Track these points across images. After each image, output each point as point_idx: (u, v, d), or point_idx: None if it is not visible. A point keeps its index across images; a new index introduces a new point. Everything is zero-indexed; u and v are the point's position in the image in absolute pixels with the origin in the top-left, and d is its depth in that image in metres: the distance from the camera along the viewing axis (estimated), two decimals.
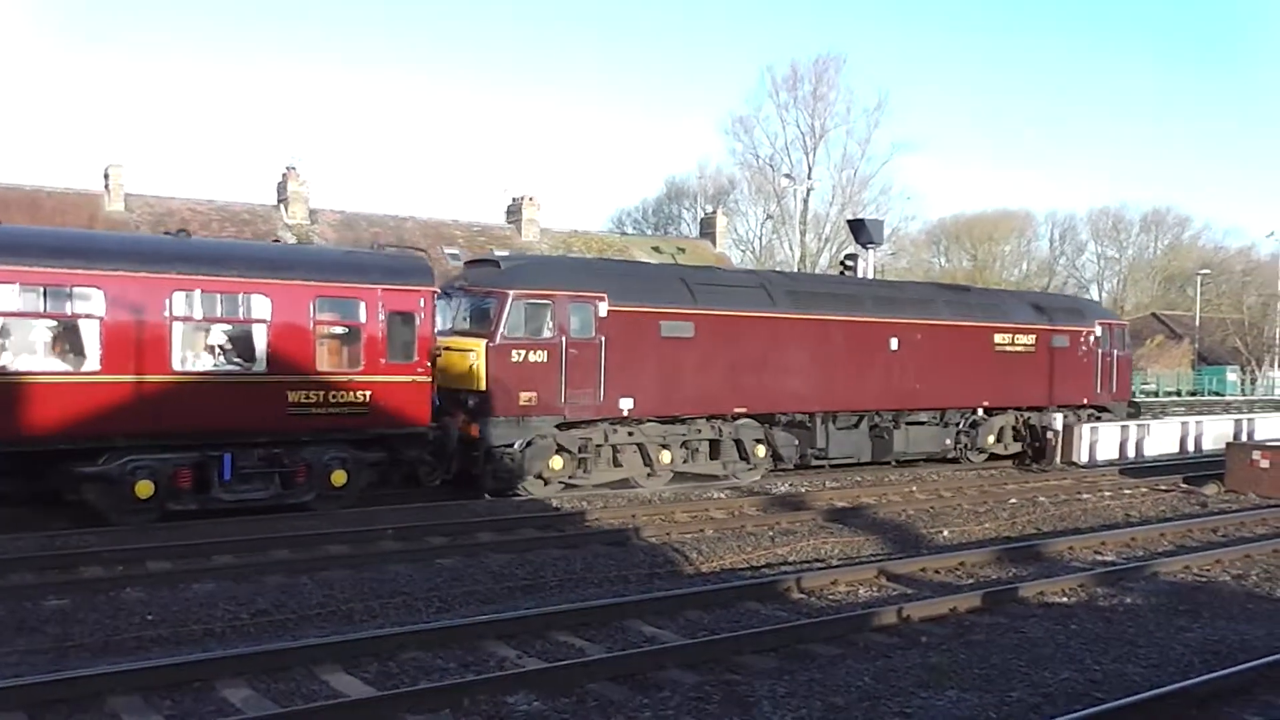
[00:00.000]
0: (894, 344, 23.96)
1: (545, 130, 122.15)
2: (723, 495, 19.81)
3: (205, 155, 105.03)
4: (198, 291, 15.77)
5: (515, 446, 18.89)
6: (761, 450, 22.22)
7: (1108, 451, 26.66)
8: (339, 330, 17.21)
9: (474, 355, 18.63)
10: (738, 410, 21.61)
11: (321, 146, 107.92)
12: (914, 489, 21.57)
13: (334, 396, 16.69)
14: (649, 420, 20.54)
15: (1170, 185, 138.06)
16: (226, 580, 12.46)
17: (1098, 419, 28.11)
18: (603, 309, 19.68)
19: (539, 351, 18.99)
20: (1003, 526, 17.89)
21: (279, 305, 16.26)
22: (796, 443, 22.79)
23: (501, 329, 18.74)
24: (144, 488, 15.22)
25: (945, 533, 17.08)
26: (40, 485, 15.33)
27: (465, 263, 23.22)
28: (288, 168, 41.46)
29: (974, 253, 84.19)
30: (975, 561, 14.31)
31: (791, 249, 63.74)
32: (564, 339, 19.25)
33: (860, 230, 34.42)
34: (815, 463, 23.23)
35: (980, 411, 26.18)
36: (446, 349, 18.64)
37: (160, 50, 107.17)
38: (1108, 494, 21.80)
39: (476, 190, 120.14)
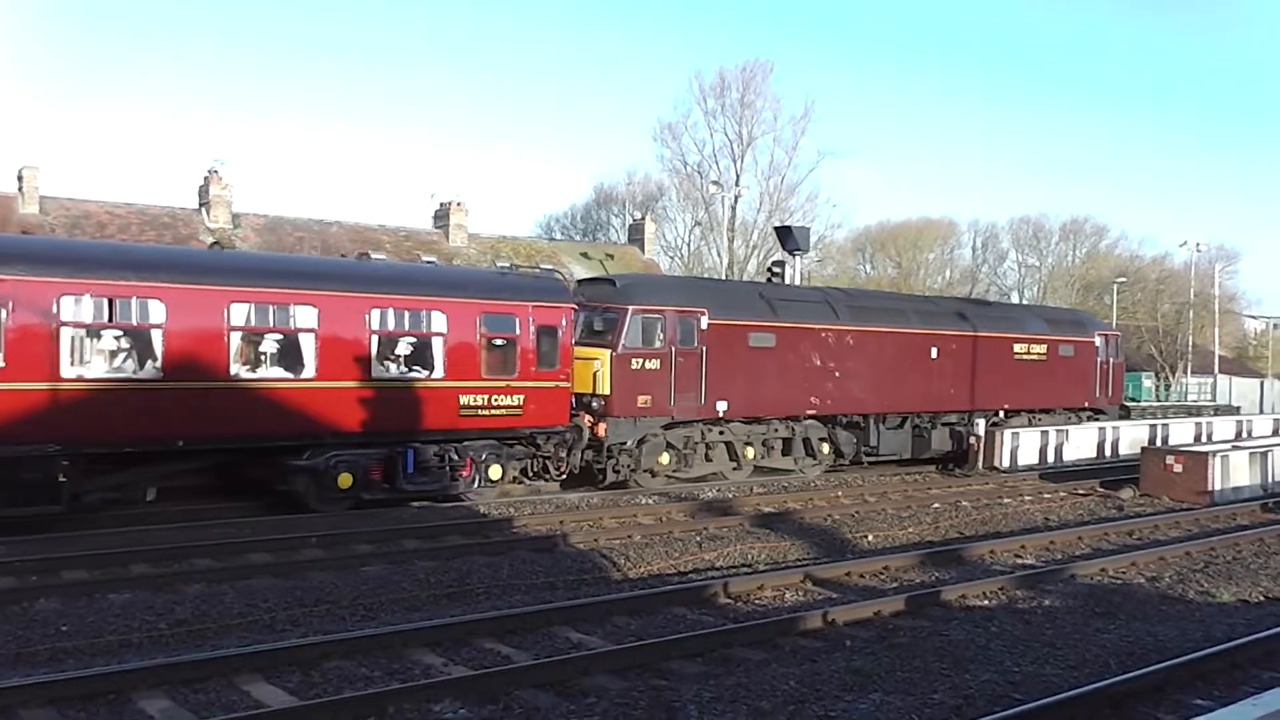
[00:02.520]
0: (934, 353, 26.89)
1: (472, 135, 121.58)
2: (651, 501, 19.86)
3: (123, 158, 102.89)
4: (390, 309, 18.20)
5: (631, 444, 21.27)
6: (826, 448, 24.98)
7: (1028, 457, 27.16)
8: (499, 342, 19.58)
9: (599, 363, 21.01)
10: (808, 412, 24.28)
11: (245, 149, 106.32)
12: (840, 494, 21.81)
13: (495, 400, 19.29)
14: (736, 421, 23.07)
15: (1088, 195, 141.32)
16: (145, 590, 12.17)
17: (1095, 419, 30.98)
18: (704, 322, 22.29)
19: (653, 360, 21.51)
20: (926, 531, 18.14)
21: (453, 320, 18.82)
22: (855, 441, 25.53)
23: (623, 340, 21.17)
24: (345, 479, 17.56)
25: (870, 537, 17.27)
26: (245, 476, 17.73)
27: (580, 280, 25.54)
28: (210, 170, 40.66)
29: (899, 260, 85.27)
30: (899, 565, 14.50)
31: (720, 255, 64.08)
32: (673, 349, 21.77)
33: (787, 237, 34.61)
34: (867, 459, 25.91)
35: (1001, 413, 29.01)
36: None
37: (75, 48, 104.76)
38: (1028, 498, 22.20)
39: (403, 195, 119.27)
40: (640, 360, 21.33)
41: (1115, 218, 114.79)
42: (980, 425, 26.99)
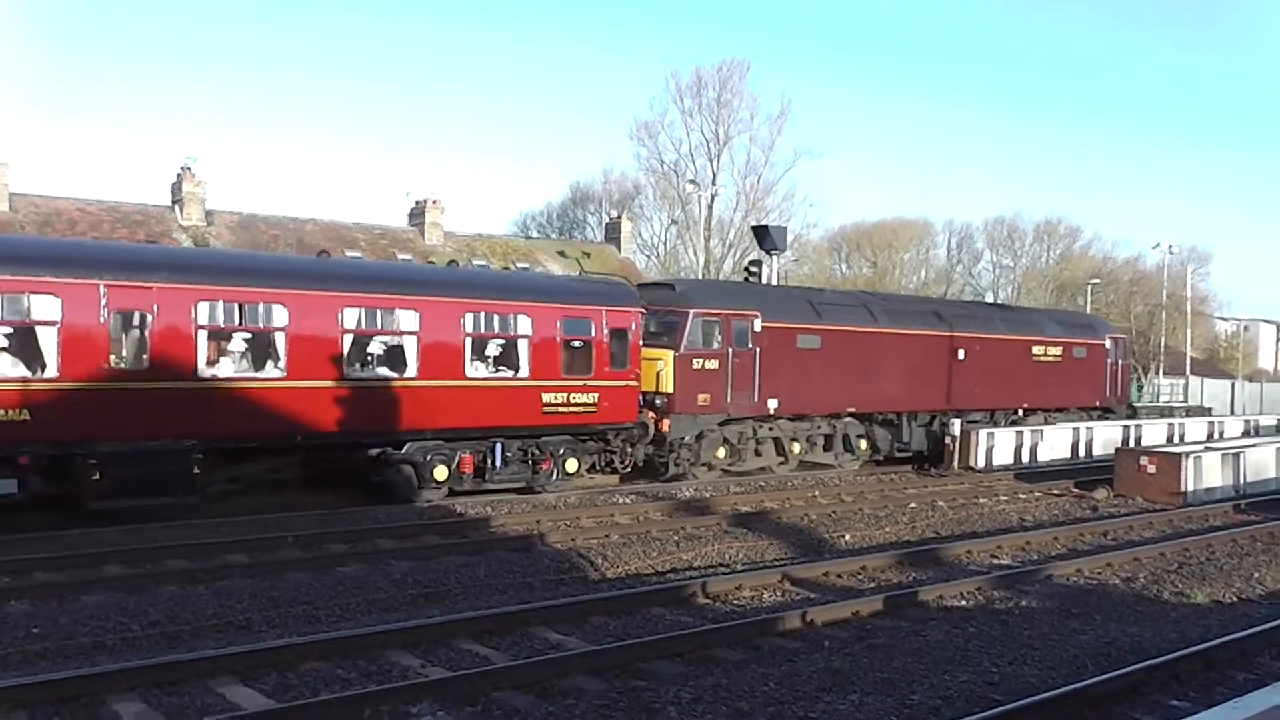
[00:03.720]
0: (961, 354, 28.45)
1: (448, 133, 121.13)
2: (628, 500, 19.84)
3: (95, 155, 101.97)
4: (483, 313, 19.53)
5: (690, 439, 22.70)
6: (864, 444, 26.44)
7: (1003, 457, 27.31)
8: (576, 344, 20.79)
9: (662, 363, 22.28)
10: (848, 410, 25.72)
11: (219, 146, 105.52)
12: (816, 494, 21.85)
13: (573, 398, 20.53)
14: (784, 418, 24.48)
15: (1062, 196, 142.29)
16: (118, 591, 12.07)
17: (1104, 418, 32.62)
18: (757, 325, 23.76)
19: (712, 360, 22.87)
20: (903, 530, 18.17)
21: (538, 323, 20.12)
22: (889, 437, 26.95)
23: (684, 341, 22.53)
24: (440, 471, 18.78)
25: (847, 537, 17.29)
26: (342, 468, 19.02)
27: (639, 285, 26.43)
28: (183, 168, 40.26)
29: (874, 260, 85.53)
30: (877, 565, 14.53)
31: (696, 254, 64.05)
32: (730, 350, 23.13)
33: (764, 236, 34.69)
34: (899, 454, 27.29)
35: (1020, 411, 30.74)
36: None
37: (45, 45, 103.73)
38: (1003, 498, 22.30)
39: (378, 193, 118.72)
40: (700, 360, 22.73)
41: (1089, 219, 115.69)
42: (956, 425, 27.12)
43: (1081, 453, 29.78)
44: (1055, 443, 29.21)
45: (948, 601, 12.51)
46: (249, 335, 17.11)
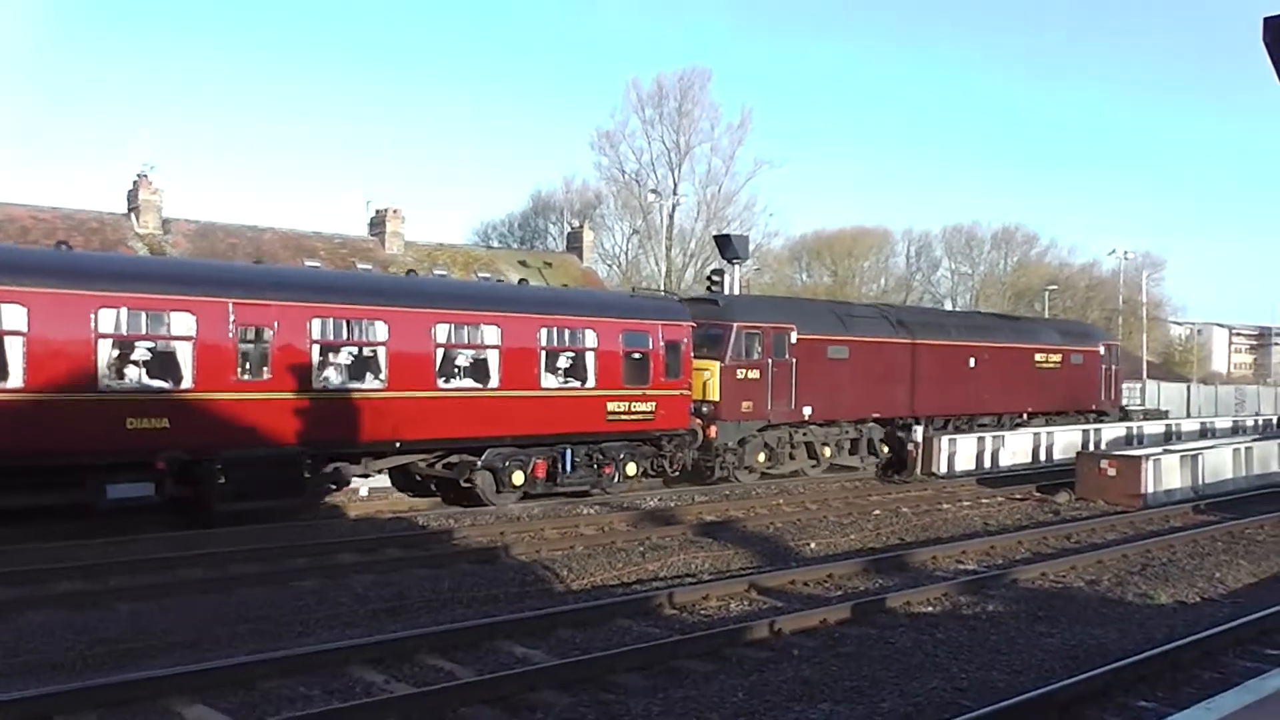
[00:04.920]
0: (972, 362, 30.25)
1: (408, 142, 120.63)
2: (592, 511, 19.71)
3: (49, 162, 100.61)
4: (555, 328, 20.86)
5: (734, 444, 24.21)
6: (886, 448, 27.84)
7: (965, 462, 27.40)
8: (636, 356, 22.13)
9: (708, 374, 23.71)
10: (872, 415, 27.30)
11: (176, 154, 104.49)
12: (781, 502, 21.82)
13: (633, 406, 21.89)
14: (815, 424, 26.01)
15: (1019, 204, 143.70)
16: (68, 609, 11.76)
17: (1100, 420, 34.33)
18: (793, 337, 25.28)
19: (753, 370, 24.40)
20: (868, 538, 18.16)
21: (602, 337, 21.50)
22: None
23: (729, 352, 23.94)
24: (517, 476, 19.88)
25: (813, 545, 17.26)
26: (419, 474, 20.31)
27: (683, 299, 27.46)
28: (139, 175, 39.78)
29: (834, 269, 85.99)
30: (843, 573, 14.48)
31: (658, 264, 64.10)
32: (770, 360, 24.67)
33: (726, 246, 34.69)
34: None
35: (1025, 415, 32.53)
36: None
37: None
38: (967, 504, 22.37)
39: (338, 202, 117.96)
40: (743, 371, 24.26)
41: (1045, 226, 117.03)
42: (918, 431, 27.21)
43: (1042, 457, 29.94)
44: (1016, 448, 29.35)
45: (915, 608, 12.48)
46: (356, 349, 18.56)
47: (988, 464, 28.06)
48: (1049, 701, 8.76)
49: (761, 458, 25.06)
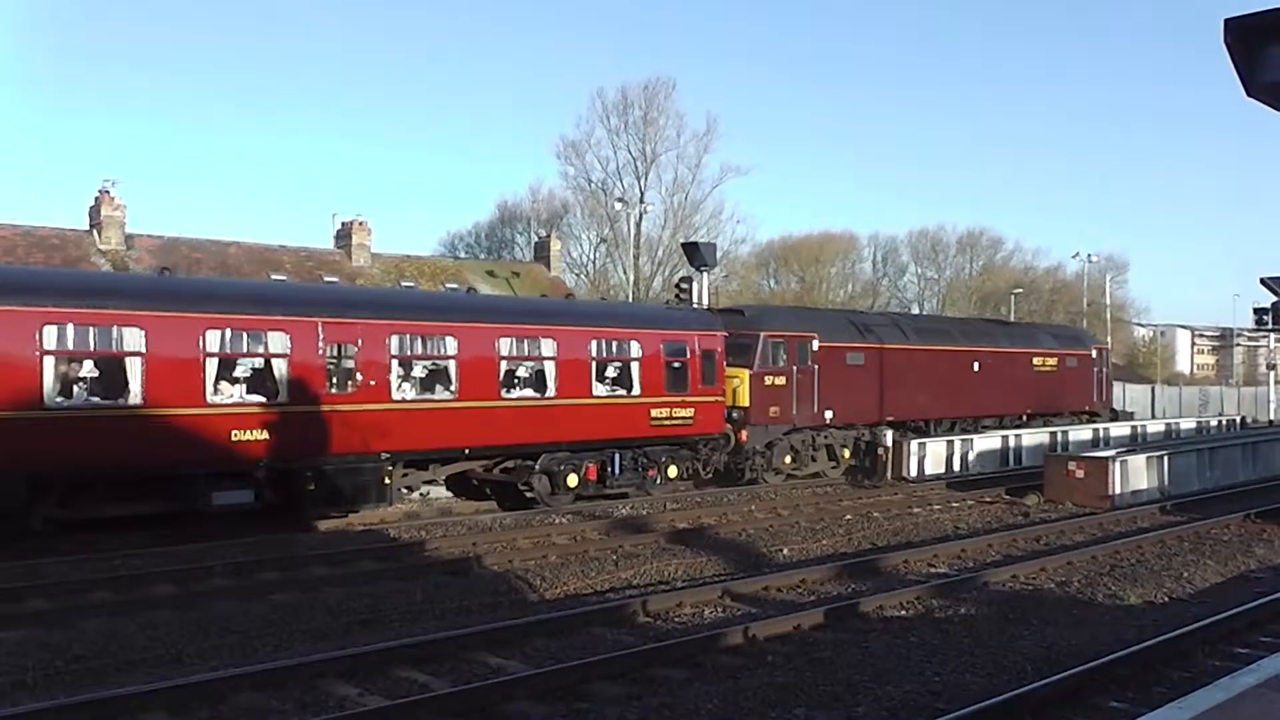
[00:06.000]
0: (976, 367, 31.72)
1: (372, 153, 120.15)
2: (565, 520, 19.68)
3: (7, 177, 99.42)
4: (604, 339, 22.35)
5: (761, 446, 25.55)
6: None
7: (935, 466, 27.56)
8: (676, 365, 23.51)
9: (738, 380, 25.03)
10: (886, 418, 28.40)
11: (138, 169, 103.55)
12: (753, 508, 21.87)
13: (674, 412, 23.25)
14: (835, 427, 27.46)
15: (984, 208, 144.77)
16: (39, 626, 11.63)
17: (1092, 420, 36.02)
18: (815, 345, 26.79)
19: (780, 377, 25.88)
20: (840, 542, 18.22)
21: (646, 347, 22.95)
22: None
23: (757, 360, 25.32)
24: (572, 479, 21.24)
25: (785, 550, 17.30)
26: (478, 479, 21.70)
27: (709, 309, 28.98)
28: (101, 190, 39.31)
29: (801, 275, 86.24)
30: (816, 579, 14.52)
31: (625, 272, 64.13)
32: (794, 368, 26.11)
33: (694, 253, 34.73)
34: None
35: (1024, 417, 34.12)
36: None
37: None
38: (937, 507, 22.49)
39: (304, 214, 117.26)
40: (771, 377, 25.67)
41: (1010, 230, 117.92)
42: (888, 436, 27.36)
43: (1011, 460, 30.16)
44: (985, 451, 29.57)
45: (888, 612, 12.54)
46: (430, 363, 19.84)
47: (957, 467, 28.24)
48: (1022, 703, 8.82)
49: (788, 460, 26.35)
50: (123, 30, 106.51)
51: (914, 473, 26.83)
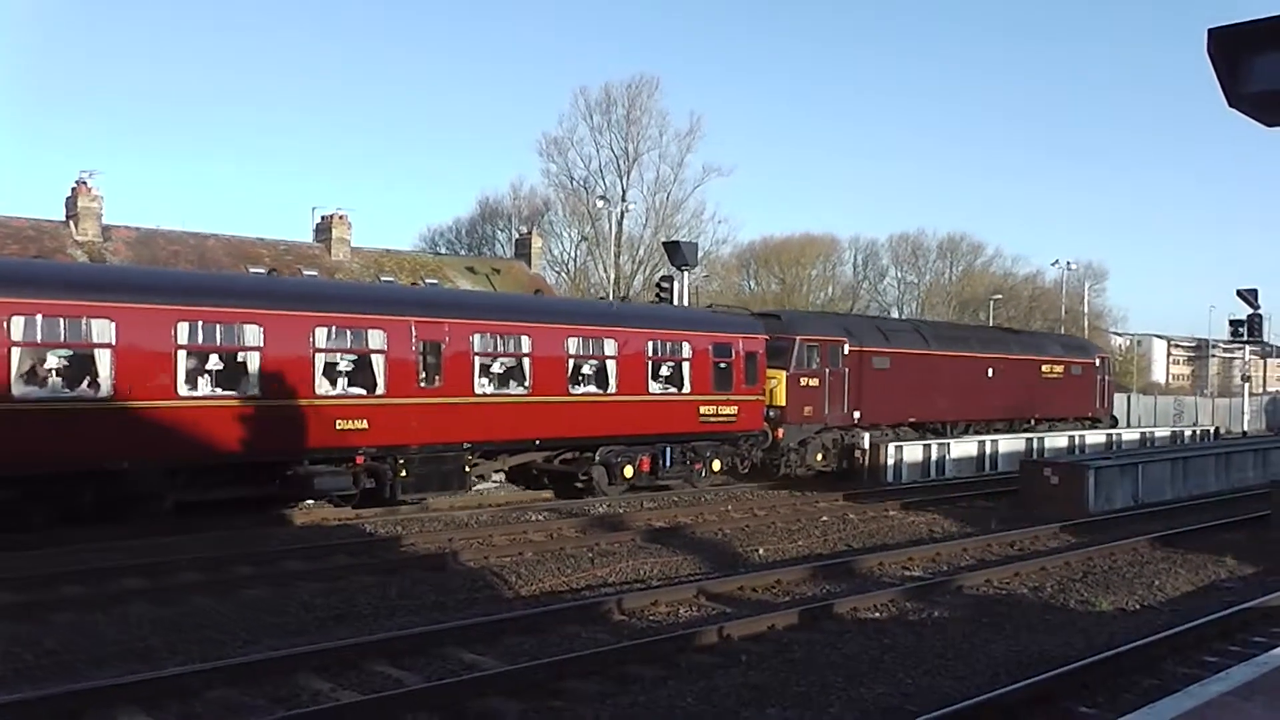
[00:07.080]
0: (989, 373, 33.22)
1: (354, 147, 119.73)
2: (541, 517, 19.67)
3: None
4: (659, 340, 23.94)
5: (796, 444, 26.69)
6: (820, 456, 28.91)
7: (912, 470, 27.66)
8: (721, 365, 25.00)
9: (775, 381, 26.30)
10: (908, 419, 30.07)
11: (115, 161, 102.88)
12: (729, 508, 21.90)
13: (720, 410, 24.74)
14: (863, 427, 28.34)
15: (965, 213, 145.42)
16: (7, 620, 11.51)
17: (1093, 427, 37.62)
18: (846, 348, 28.07)
19: (813, 379, 27.11)
20: (815, 544, 18.27)
21: (695, 348, 24.54)
22: None
23: (793, 362, 26.53)
24: (628, 470, 22.80)
25: (761, 551, 17.33)
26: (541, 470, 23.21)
27: (750, 313, 29.98)
28: (78, 181, 38.93)
29: (782, 276, 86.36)
30: (791, 579, 14.56)
31: (606, 271, 64.07)
32: (826, 370, 27.36)
33: (675, 252, 34.80)
34: None
35: (1032, 421, 35.52)
36: None
37: None
38: (913, 511, 22.51)
39: (283, 207, 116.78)
40: (805, 379, 26.89)
41: (990, 236, 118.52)
42: (866, 438, 27.48)
43: (987, 465, 30.32)
44: (962, 455, 29.71)
45: (862, 614, 12.58)
46: (505, 360, 21.13)
47: (934, 471, 28.35)
48: (996, 707, 8.85)
49: (819, 458, 27.30)
50: (100, 22, 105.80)
51: (890, 476, 26.94)
